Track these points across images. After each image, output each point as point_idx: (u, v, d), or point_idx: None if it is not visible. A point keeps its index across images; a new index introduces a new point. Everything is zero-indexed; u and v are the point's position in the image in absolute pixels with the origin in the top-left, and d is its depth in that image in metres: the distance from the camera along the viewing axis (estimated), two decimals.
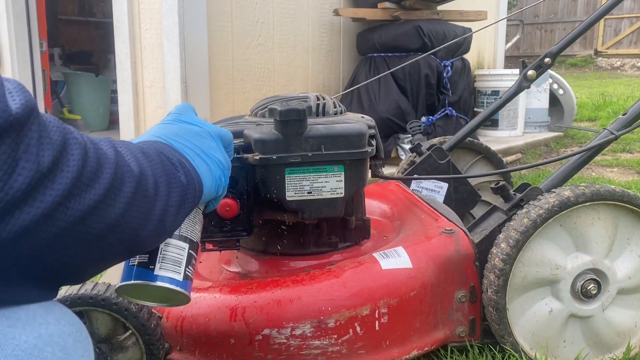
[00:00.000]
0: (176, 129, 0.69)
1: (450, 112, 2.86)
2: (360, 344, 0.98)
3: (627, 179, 2.86)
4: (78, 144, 0.46)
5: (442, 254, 1.06)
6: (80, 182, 0.45)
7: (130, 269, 0.69)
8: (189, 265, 0.72)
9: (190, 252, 0.73)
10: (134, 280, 0.69)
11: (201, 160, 0.67)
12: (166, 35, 2.26)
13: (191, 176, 0.63)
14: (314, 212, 1.02)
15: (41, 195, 0.42)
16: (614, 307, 1.09)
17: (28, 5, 3.26)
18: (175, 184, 0.59)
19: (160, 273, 0.69)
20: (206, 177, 0.67)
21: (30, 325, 0.46)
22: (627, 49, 10.75)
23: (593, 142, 1.18)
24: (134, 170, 0.52)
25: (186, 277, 0.71)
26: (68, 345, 0.48)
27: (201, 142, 0.69)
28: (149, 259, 0.69)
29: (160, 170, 0.58)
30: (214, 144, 0.72)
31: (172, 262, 0.70)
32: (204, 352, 0.96)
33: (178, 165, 0.62)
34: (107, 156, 0.50)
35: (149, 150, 0.59)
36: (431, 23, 2.77)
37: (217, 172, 0.69)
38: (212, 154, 0.70)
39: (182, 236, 0.72)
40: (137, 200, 0.52)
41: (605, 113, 4.84)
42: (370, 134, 1.06)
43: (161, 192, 0.56)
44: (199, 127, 0.72)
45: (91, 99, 4.37)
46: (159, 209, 0.56)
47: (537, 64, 1.62)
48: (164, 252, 0.70)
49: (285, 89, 2.70)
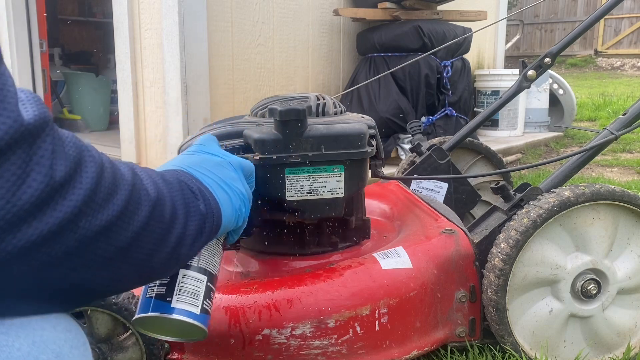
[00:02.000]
0: (198, 159, 0.70)
1: (450, 112, 2.86)
2: (360, 344, 0.98)
3: (627, 179, 2.86)
4: (94, 162, 0.46)
5: (442, 254, 1.06)
6: (94, 200, 0.44)
7: (147, 300, 0.68)
8: (207, 299, 0.71)
9: (209, 284, 0.72)
10: (150, 313, 0.67)
11: (222, 190, 0.67)
12: (166, 35, 2.27)
13: (210, 206, 0.63)
14: (314, 212, 1.02)
15: (51, 210, 0.41)
16: (614, 307, 1.09)
17: (28, 5, 3.26)
18: (194, 213, 0.59)
19: (177, 306, 0.67)
20: (226, 207, 0.66)
21: (24, 332, 0.45)
22: (627, 49, 10.75)
23: (593, 142, 1.18)
24: (151, 194, 0.52)
25: (204, 311, 0.70)
26: (64, 353, 0.47)
27: (222, 172, 0.70)
28: (167, 290, 0.68)
29: (179, 198, 0.57)
30: (235, 175, 0.72)
31: (189, 295, 0.68)
32: (204, 352, 0.96)
33: (198, 193, 0.61)
34: (124, 177, 0.49)
35: (169, 177, 0.59)
36: (431, 23, 2.77)
37: (237, 202, 0.69)
38: (233, 184, 0.70)
39: (200, 268, 0.71)
40: (152, 226, 0.51)
41: (605, 113, 4.84)
42: (370, 134, 1.06)
43: (178, 219, 0.56)
44: (221, 157, 0.72)
45: (91, 99, 4.37)
46: (175, 237, 0.55)
47: (537, 64, 1.62)
48: (182, 284, 0.68)
49: (285, 89, 2.70)
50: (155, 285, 0.69)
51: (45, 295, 0.46)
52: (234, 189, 0.69)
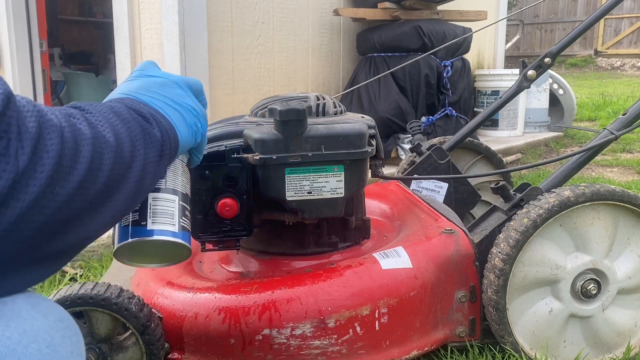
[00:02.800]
0: (141, 83, 0.68)
1: (450, 112, 2.86)
2: (360, 344, 0.98)
3: (627, 179, 2.86)
4: (54, 127, 0.46)
5: (442, 254, 1.06)
6: (61, 165, 0.45)
7: (124, 230, 0.67)
8: (183, 217, 0.70)
9: (182, 203, 0.71)
10: (130, 239, 0.66)
11: (172, 109, 0.66)
12: (166, 35, 2.26)
13: (165, 128, 0.62)
14: (314, 212, 1.02)
15: (25, 187, 0.42)
16: (614, 307, 1.09)
17: (28, 5, 3.26)
18: (151, 140, 0.59)
19: (154, 227, 0.67)
20: (180, 125, 0.66)
21: (14, 321, 0.45)
22: (627, 49, 10.75)
23: (593, 142, 1.18)
24: (109, 140, 0.52)
25: (182, 229, 0.69)
26: (55, 342, 0.47)
27: (169, 91, 0.68)
28: (140, 215, 0.67)
29: (135, 129, 0.57)
30: (182, 92, 0.70)
31: (164, 215, 0.68)
32: (204, 352, 0.96)
33: (150, 118, 0.61)
34: (82, 133, 0.49)
35: (120, 110, 0.58)
36: (431, 23, 2.77)
37: (190, 118, 0.68)
38: (183, 101, 0.68)
39: (169, 189, 0.70)
40: (116, 169, 0.52)
41: (605, 113, 4.84)
42: (370, 134, 1.06)
43: (138, 152, 0.56)
44: (164, 77, 0.70)
45: (91, 99, 4.36)
46: (137, 170, 0.55)
47: (537, 64, 1.62)
48: (154, 207, 0.68)
49: (285, 89, 2.70)
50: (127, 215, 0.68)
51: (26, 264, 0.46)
52: (184, 105, 0.68)
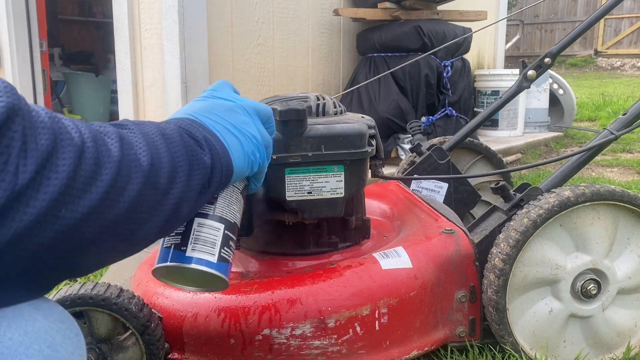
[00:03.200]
0: (207, 105, 0.66)
1: (450, 112, 2.86)
2: (360, 344, 0.98)
3: (627, 179, 2.86)
4: (71, 146, 0.44)
5: (442, 254, 1.06)
6: (72, 188, 0.43)
7: (165, 251, 0.67)
8: (225, 247, 0.69)
9: (227, 232, 0.70)
10: (168, 263, 0.66)
11: (232, 135, 0.64)
12: (166, 35, 2.26)
13: (218, 154, 0.60)
14: (314, 212, 1.02)
15: (24, 207, 0.40)
16: (614, 307, 1.09)
17: (28, 5, 3.26)
18: (197, 167, 0.57)
19: (193, 255, 0.66)
20: (237, 153, 0.64)
21: (16, 322, 0.45)
22: (627, 49, 10.75)
23: (593, 142, 1.18)
24: (143, 164, 0.50)
25: (222, 259, 0.68)
26: (56, 342, 0.47)
27: (233, 117, 0.66)
28: (182, 240, 0.67)
29: (181, 154, 0.55)
30: (248, 119, 0.68)
31: (205, 244, 0.67)
32: (204, 352, 0.96)
33: (204, 143, 0.59)
34: (109, 153, 0.47)
35: (170, 132, 0.56)
36: (431, 23, 2.77)
37: (249, 147, 0.66)
38: (244, 129, 0.66)
39: (216, 216, 0.69)
40: (145, 195, 0.50)
41: (605, 113, 4.84)
42: (370, 134, 1.06)
43: (179, 178, 0.54)
44: (232, 102, 0.69)
45: (91, 99, 4.37)
46: (174, 198, 0.53)
47: (537, 64, 1.62)
48: (197, 232, 0.67)
49: (285, 89, 2.70)
50: (172, 234, 0.68)
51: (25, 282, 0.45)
52: (245, 133, 0.66)
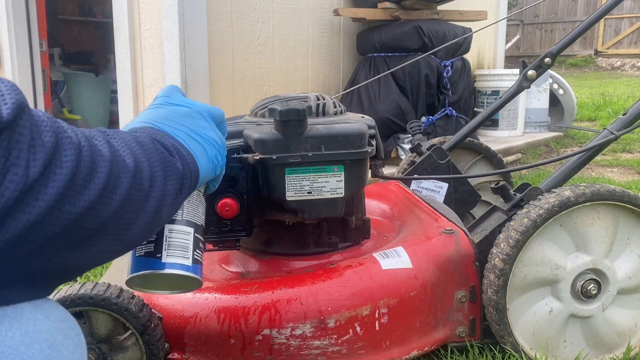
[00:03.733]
0: (165, 113, 0.67)
1: (450, 112, 2.86)
2: (360, 344, 0.98)
3: (627, 179, 2.86)
4: (71, 144, 0.45)
5: (442, 254, 1.06)
6: (74, 183, 0.45)
7: (137, 260, 0.68)
8: (197, 249, 0.71)
9: (197, 235, 0.71)
10: (143, 271, 0.67)
11: (194, 141, 0.65)
12: (166, 35, 2.26)
13: (187, 161, 0.62)
14: (314, 212, 1.02)
15: (33, 200, 0.41)
16: (614, 307, 1.09)
17: (28, 5, 3.26)
18: (171, 172, 0.58)
19: (168, 260, 0.67)
20: (202, 158, 0.65)
21: (17, 322, 0.45)
22: (627, 49, 10.75)
23: (593, 142, 1.18)
24: (129, 165, 0.51)
25: (195, 262, 0.70)
26: (57, 342, 0.48)
27: (192, 123, 0.67)
28: (155, 247, 0.68)
29: (156, 160, 0.56)
30: (206, 123, 0.70)
31: (178, 248, 0.68)
32: (203, 352, 0.96)
33: (173, 150, 0.60)
34: (101, 154, 0.49)
35: (143, 139, 0.57)
36: (431, 23, 2.77)
37: (212, 152, 0.68)
38: (205, 134, 0.68)
39: (185, 221, 0.70)
40: (133, 196, 0.51)
41: (605, 113, 4.84)
42: (370, 134, 1.06)
43: (157, 183, 0.55)
44: (188, 107, 0.70)
45: (91, 99, 4.37)
46: (155, 201, 0.55)
47: (537, 64, 1.62)
48: (169, 239, 0.68)
49: (285, 89, 2.70)
50: (143, 244, 0.69)
51: (31, 279, 0.46)
52: (207, 138, 0.68)
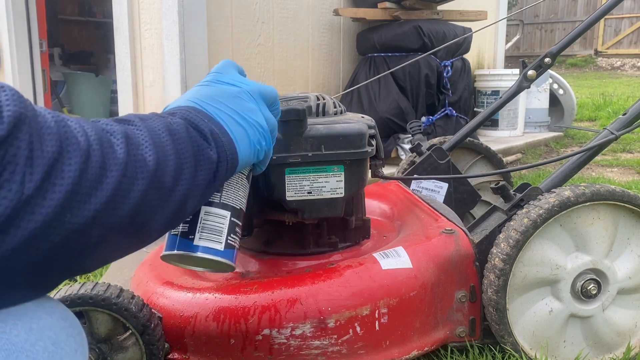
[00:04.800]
0: (212, 92, 0.66)
1: (450, 112, 2.86)
2: (360, 344, 0.98)
3: (627, 179, 2.86)
4: (77, 150, 0.44)
5: (442, 254, 1.06)
6: (78, 193, 0.43)
7: (172, 238, 0.69)
8: (232, 234, 0.71)
9: (233, 219, 0.71)
10: (175, 251, 0.68)
11: (237, 125, 0.64)
12: (166, 35, 2.26)
13: (223, 147, 0.60)
14: (314, 212, 1.02)
15: (29, 215, 0.41)
16: (614, 307, 1.09)
17: (28, 5, 3.26)
18: (204, 162, 0.57)
19: (200, 243, 0.68)
20: (243, 143, 0.64)
21: (21, 320, 0.45)
22: (627, 49, 10.75)
23: (593, 142, 1.18)
24: (149, 164, 0.50)
25: (228, 247, 0.70)
26: (60, 340, 0.48)
27: (239, 104, 0.66)
28: (189, 228, 0.68)
29: (187, 150, 0.55)
30: (254, 105, 0.68)
31: (212, 232, 0.68)
32: (204, 352, 0.96)
33: (209, 137, 0.59)
34: (115, 155, 0.47)
35: (177, 127, 0.56)
36: (431, 23, 2.77)
37: (255, 136, 0.66)
38: (250, 117, 0.66)
39: (222, 204, 0.70)
40: (150, 194, 0.50)
41: (605, 113, 4.84)
42: (370, 134, 1.06)
43: (184, 176, 0.54)
44: (238, 87, 0.68)
45: (91, 99, 4.37)
46: (179, 195, 0.54)
47: (537, 64, 1.62)
48: (204, 221, 0.68)
49: (285, 89, 2.70)
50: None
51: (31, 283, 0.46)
52: (251, 122, 0.65)
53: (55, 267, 0.46)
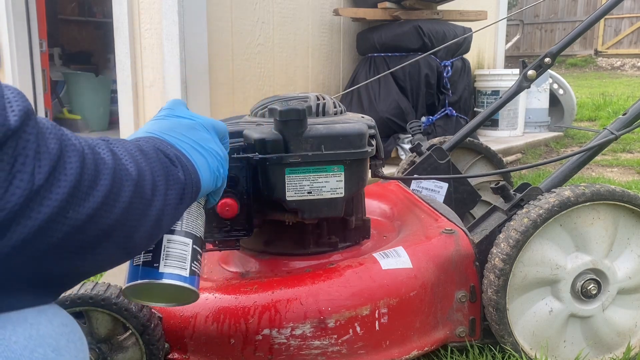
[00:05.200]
0: (169, 124, 0.68)
1: (450, 112, 2.86)
2: (360, 344, 0.98)
3: (627, 179, 2.86)
4: (75, 151, 0.46)
5: (442, 254, 1.06)
6: (78, 190, 0.45)
7: (135, 269, 0.68)
8: (195, 261, 0.71)
9: (195, 247, 0.71)
10: (140, 280, 0.67)
11: (197, 153, 0.66)
12: (166, 35, 2.26)
13: (189, 171, 0.63)
14: (314, 212, 1.02)
15: (38, 206, 0.42)
16: (614, 307, 1.09)
17: (28, 5, 3.26)
18: (173, 182, 0.59)
19: (165, 270, 0.67)
20: (203, 170, 0.66)
21: (21, 327, 0.45)
22: (627, 49, 10.75)
23: (593, 142, 1.18)
24: (132, 173, 0.52)
25: (192, 273, 0.70)
26: (61, 346, 0.48)
27: (195, 134, 0.68)
28: (153, 257, 0.68)
29: (158, 169, 0.57)
30: (208, 136, 0.71)
31: (176, 259, 0.68)
32: (204, 352, 0.96)
33: (176, 160, 0.61)
34: (104, 161, 0.49)
35: (146, 148, 0.58)
36: (431, 23, 2.77)
37: (214, 164, 0.69)
38: (208, 146, 0.69)
39: (184, 232, 0.71)
40: (135, 204, 0.51)
41: (605, 113, 4.84)
42: (370, 134, 1.06)
43: (159, 192, 0.56)
44: (192, 120, 0.71)
45: (91, 99, 4.37)
46: (156, 210, 0.55)
47: (537, 64, 1.62)
48: (168, 249, 0.68)
49: (285, 89, 2.70)
50: (140, 253, 0.69)
51: (34, 285, 0.46)
52: (209, 150, 0.69)
53: (54, 267, 0.46)
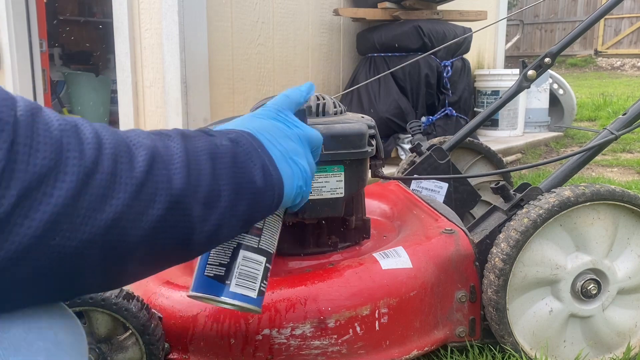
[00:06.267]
0: (267, 126, 0.65)
1: (450, 112, 2.86)
2: (360, 344, 0.98)
3: (627, 179, 2.86)
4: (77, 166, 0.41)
5: (442, 254, 1.06)
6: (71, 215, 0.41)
7: (204, 279, 0.66)
8: (264, 280, 0.69)
9: (267, 265, 0.70)
10: (207, 295, 0.66)
11: (286, 164, 0.63)
12: (166, 35, 2.26)
13: (272, 182, 0.59)
14: (314, 212, 1.02)
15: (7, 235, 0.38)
16: (614, 307, 1.09)
17: (28, 5, 3.26)
18: (246, 193, 0.55)
19: (235, 290, 0.66)
20: (288, 183, 0.62)
21: (19, 318, 0.44)
22: (627, 49, 10.75)
23: (593, 142, 1.18)
24: (174, 186, 0.47)
25: (260, 293, 0.69)
26: (59, 339, 0.47)
27: (289, 145, 0.65)
28: (226, 272, 0.66)
29: (227, 177, 0.53)
30: (301, 150, 0.67)
31: (248, 279, 0.67)
32: (204, 352, 0.96)
33: (260, 168, 0.57)
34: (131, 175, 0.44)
35: (223, 153, 0.54)
36: (431, 23, 2.77)
37: (299, 180, 0.65)
38: (298, 160, 0.65)
39: (260, 249, 0.68)
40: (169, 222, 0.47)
41: (605, 113, 4.84)
42: (370, 134, 1.06)
43: (220, 204, 0.52)
44: (290, 128, 0.67)
45: (91, 99, 4.37)
46: (211, 224, 0.51)
47: (537, 64, 1.62)
48: (242, 267, 0.66)
49: (285, 89, 2.69)
50: (214, 263, 0.67)
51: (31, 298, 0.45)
52: (299, 165, 0.65)
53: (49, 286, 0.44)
